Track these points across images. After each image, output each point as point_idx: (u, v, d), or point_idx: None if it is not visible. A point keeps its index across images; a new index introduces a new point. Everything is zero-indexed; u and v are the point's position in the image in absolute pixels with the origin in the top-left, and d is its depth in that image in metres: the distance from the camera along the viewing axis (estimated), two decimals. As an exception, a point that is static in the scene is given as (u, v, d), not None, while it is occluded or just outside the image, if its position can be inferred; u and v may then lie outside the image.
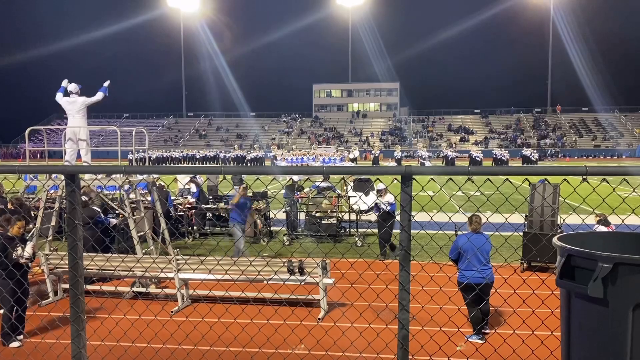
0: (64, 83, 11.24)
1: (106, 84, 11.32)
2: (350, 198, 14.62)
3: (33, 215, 10.94)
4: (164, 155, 63.44)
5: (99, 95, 11.12)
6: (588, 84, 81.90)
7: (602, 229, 9.03)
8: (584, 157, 67.71)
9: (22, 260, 6.99)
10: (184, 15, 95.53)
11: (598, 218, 9.44)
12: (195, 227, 15.20)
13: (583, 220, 2.92)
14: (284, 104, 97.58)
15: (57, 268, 9.15)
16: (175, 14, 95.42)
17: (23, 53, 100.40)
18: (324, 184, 15.96)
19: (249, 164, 56.09)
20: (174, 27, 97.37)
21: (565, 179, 2.99)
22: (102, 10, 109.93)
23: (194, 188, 16.40)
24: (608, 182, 2.67)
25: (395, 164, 37.88)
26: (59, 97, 11.13)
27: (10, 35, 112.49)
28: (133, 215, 10.31)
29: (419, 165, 29.50)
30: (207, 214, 15.55)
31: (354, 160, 55.26)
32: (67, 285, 8.79)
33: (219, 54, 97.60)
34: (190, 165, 58.21)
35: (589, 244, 2.66)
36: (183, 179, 17.52)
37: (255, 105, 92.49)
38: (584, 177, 2.70)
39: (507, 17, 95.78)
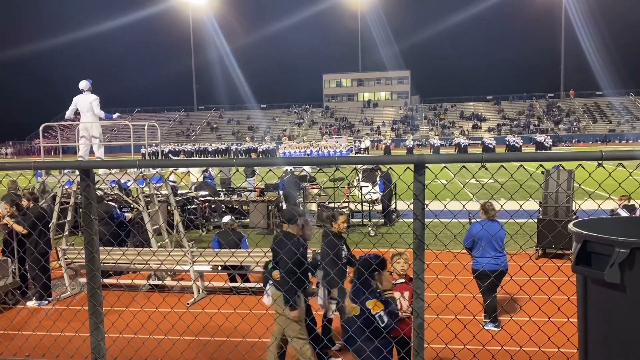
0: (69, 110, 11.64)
1: (115, 115, 12.33)
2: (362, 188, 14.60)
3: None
4: (176, 149, 63.67)
5: (104, 115, 11.57)
6: (602, 68, 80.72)
7: (624, 213, 8.82)
8: (599, 142, 66.91)
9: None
10: (192, 8, 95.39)
11: (624, 202, 9.18)
12: (211, 219, 15.29)
13: (599, 206, 2.89)
14: (294, 95, 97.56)
15: (74, 262, 9.27)
16: (183, 6, 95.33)
17: (32, 49, 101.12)
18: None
19: (260, 156, 56.13)
20: (182, 19, 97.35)
21: (580, 164, 2.96)
22: (111, 3, 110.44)
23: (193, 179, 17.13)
24: (624, 167, 2.63)
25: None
26: (68, 113, 11.60)
27: (21, 31, 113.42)
28: (147, 209, 10.39)
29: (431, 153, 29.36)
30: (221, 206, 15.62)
31: (365, 150, 55.18)
32: (84, 279, 8.90)
33: (228, 47, 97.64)
34: (202, 158, 58.33)
35: (605, 230, 2.63)
36: (196, 172, 17.72)
37: (266, 97, 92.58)
38: (600, 162, 2.67)
39: (519, 1, 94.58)
